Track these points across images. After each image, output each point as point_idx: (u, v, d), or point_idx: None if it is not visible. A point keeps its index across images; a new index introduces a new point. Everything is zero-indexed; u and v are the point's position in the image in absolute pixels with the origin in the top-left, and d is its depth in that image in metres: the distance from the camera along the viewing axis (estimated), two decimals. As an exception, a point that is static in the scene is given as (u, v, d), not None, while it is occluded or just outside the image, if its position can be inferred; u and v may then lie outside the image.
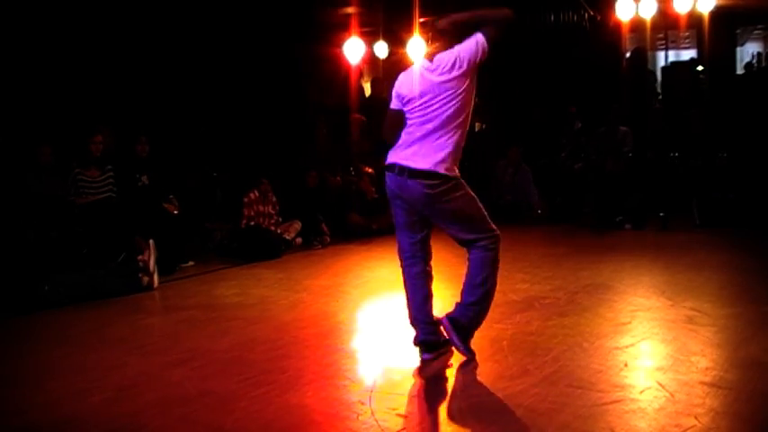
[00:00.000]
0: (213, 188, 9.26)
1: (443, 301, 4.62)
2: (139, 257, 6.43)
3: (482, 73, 4.04)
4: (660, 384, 3.53)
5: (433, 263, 4.23)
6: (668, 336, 4.41)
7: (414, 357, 4.22)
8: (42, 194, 6.88)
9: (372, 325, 5.32)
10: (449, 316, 4.13)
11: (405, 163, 4.00)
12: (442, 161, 3.95)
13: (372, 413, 3.33)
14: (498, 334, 4.56)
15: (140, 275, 6.38)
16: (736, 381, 3.57)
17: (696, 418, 3.11)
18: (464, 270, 4.11)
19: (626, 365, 3.88)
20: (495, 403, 3.39)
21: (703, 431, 2.99)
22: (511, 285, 6.05)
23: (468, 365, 4.01)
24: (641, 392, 3.44)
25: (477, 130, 13.37)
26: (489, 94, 12.64)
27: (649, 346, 4.26)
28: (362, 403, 3.47)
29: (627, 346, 4.22)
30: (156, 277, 6.51)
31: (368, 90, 12.82)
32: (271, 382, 3.82)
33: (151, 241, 6.57)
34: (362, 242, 8.79)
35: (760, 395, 3.40)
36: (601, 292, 5.71)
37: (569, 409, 3.25)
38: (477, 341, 4.44)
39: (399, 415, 3.29)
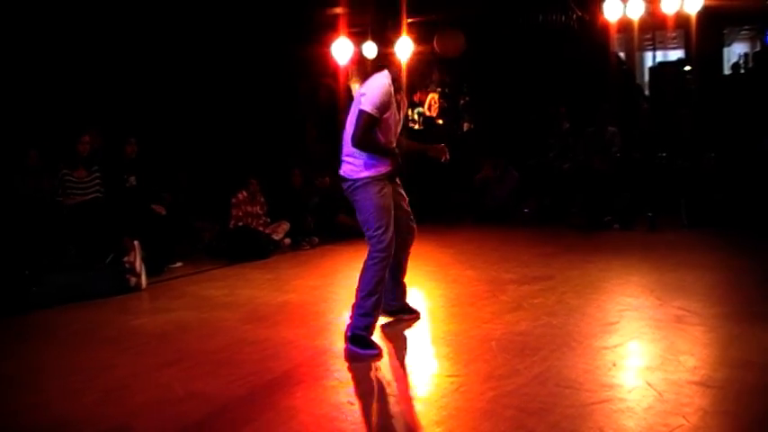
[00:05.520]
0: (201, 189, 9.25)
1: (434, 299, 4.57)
2: (125, 259, 6.39)
3: (471, 73, 4.08)
4: (649, 384, 3.54)
5: (424, 261, 4.27)
6: (657, 335, 4.42)
7: (402, 357, 4.23)
8: (29, 196, 6.84)
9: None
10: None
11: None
12: None
13: (361, 414, 3.33)
14: (487, 334, 4.57)
15: (128, 276, 6.35)
16: (724, 380, 3.59)
17: (684, 417, 3.12)
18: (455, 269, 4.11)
19: (614, 365, 3.89)
20: (484, 403, 3.39)
21: (692, 430, 3.00)
22: (500, 285, 6.06)
23: (458, 365, 4.01)
24: (630, 392, 3.45)
25: (465, 130, 13.38)
26: (477, 94, 12.68)
27: (638, 346, 4.27)
28: (351, 404, 3.46)
29: (615, 346, 4.23)
30: (143, 278, 6.47)
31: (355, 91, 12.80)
32: (259, 383, 3.81)
33: (136, 242, 6.52)
34: (351, 242, 8.74)
35: (748, 394, 3.42)
36: (589, 291, 5.72)
37: (558, 409, 3.25)
38: (466, 341, 4.45)
39: (388, 415, 3.29)
